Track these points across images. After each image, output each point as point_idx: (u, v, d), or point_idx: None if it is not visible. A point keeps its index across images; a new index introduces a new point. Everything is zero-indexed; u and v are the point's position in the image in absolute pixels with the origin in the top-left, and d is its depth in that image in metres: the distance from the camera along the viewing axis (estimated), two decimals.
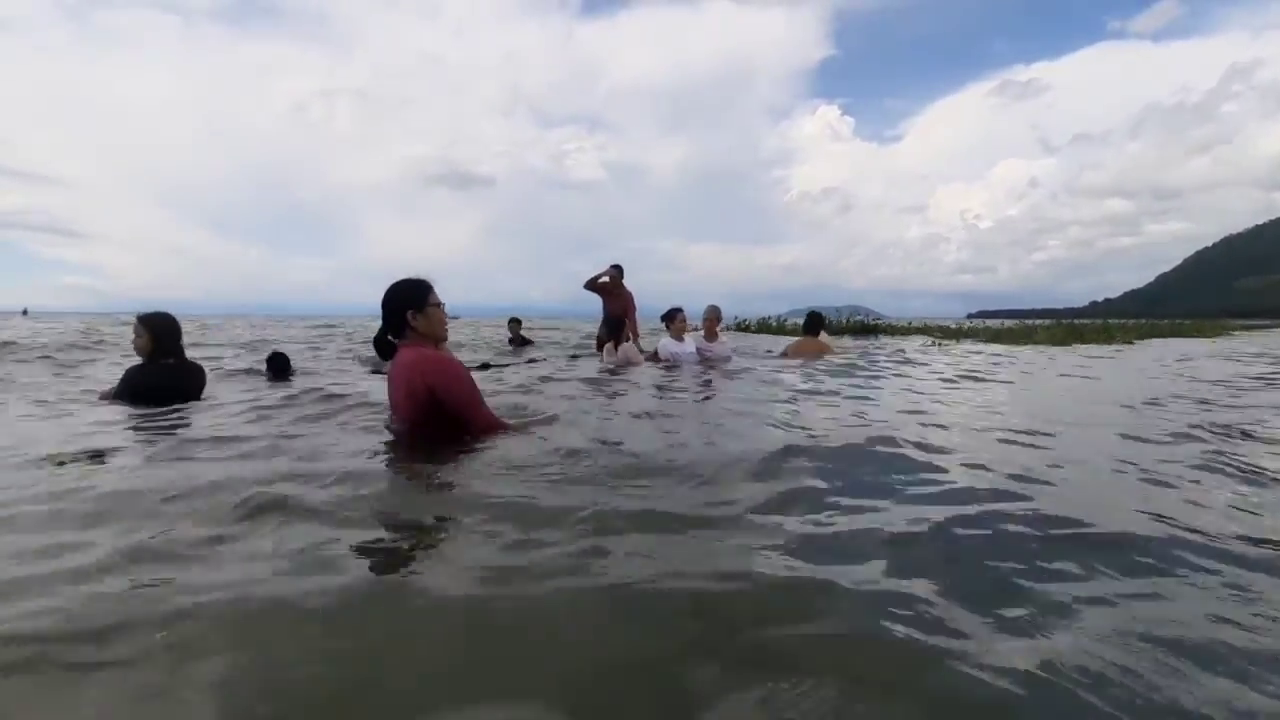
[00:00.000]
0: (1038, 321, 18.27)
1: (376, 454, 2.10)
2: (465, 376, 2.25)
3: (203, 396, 3.40)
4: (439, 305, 2.27)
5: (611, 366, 5.54)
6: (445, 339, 2.35)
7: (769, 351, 7.86)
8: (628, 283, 7.09)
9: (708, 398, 3.71)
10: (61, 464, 1.95)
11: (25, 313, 31.63)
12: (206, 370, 3.62)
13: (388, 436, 2.37)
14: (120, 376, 3.34)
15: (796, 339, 7.25)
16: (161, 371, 3.25)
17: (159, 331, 3.22)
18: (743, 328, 15.68)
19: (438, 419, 2.20)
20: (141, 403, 3.12)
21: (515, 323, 9.12)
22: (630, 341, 6.00)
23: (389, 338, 2.28)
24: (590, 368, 5.44)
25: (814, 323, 6.91)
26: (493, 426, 2.28)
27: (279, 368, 4.87)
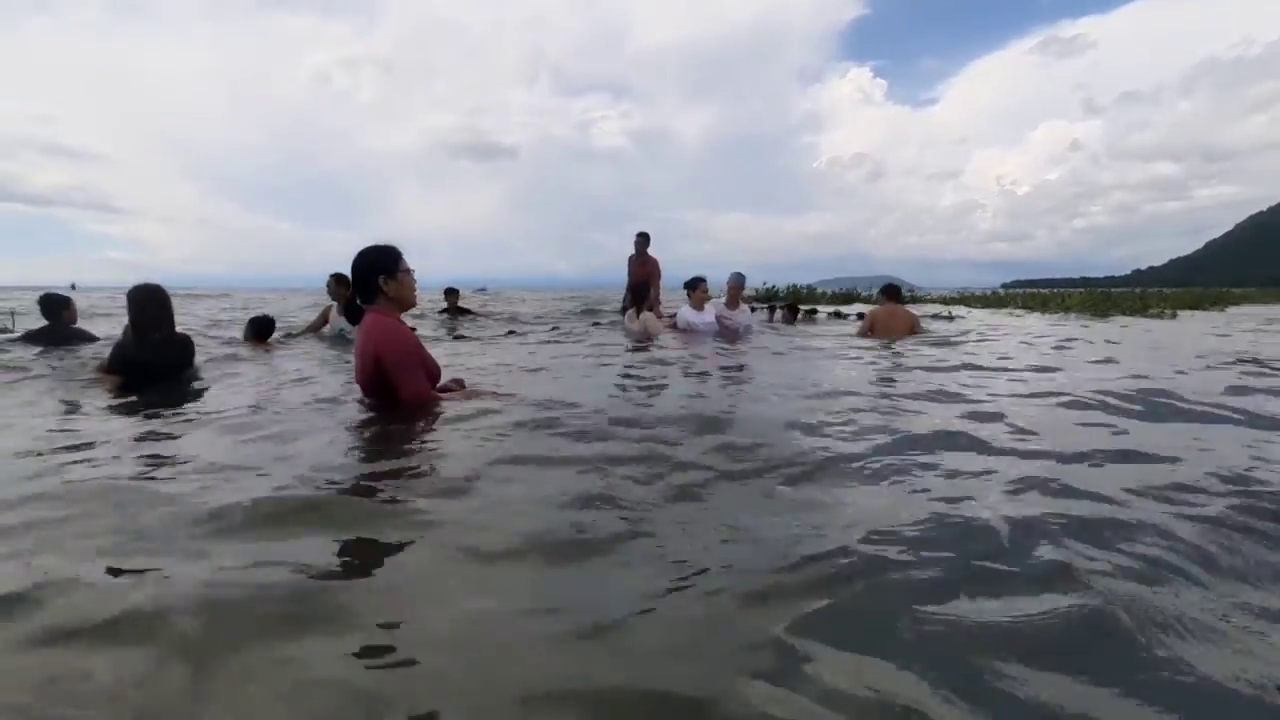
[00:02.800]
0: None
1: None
2: (410, 344, 2.24)
3: (194, 365, 3.36)
4: (409, 271, 2.27)
5: (635, 333, 5.59)
6: (414, 305, 2.35)
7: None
8: (653, 251, 7.14)
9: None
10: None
11: (73, 287, 32.81)
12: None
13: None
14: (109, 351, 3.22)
15: (875, 308, 6.18)
16: (147, 346, 3.12)
17: (141, 305, 3.08)
18: (770, 294, 14.62)
19: (386, 387, 2.20)
20: (129, 377, 3.03)
21: (452, 293, 9.01)
22: (653, 310, 5.96)
23: (359, 303, 2.28)
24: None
25: (893, 290, 6.11)
26: (421, 397, 2.24)
27: (261, 329, 5.10)
